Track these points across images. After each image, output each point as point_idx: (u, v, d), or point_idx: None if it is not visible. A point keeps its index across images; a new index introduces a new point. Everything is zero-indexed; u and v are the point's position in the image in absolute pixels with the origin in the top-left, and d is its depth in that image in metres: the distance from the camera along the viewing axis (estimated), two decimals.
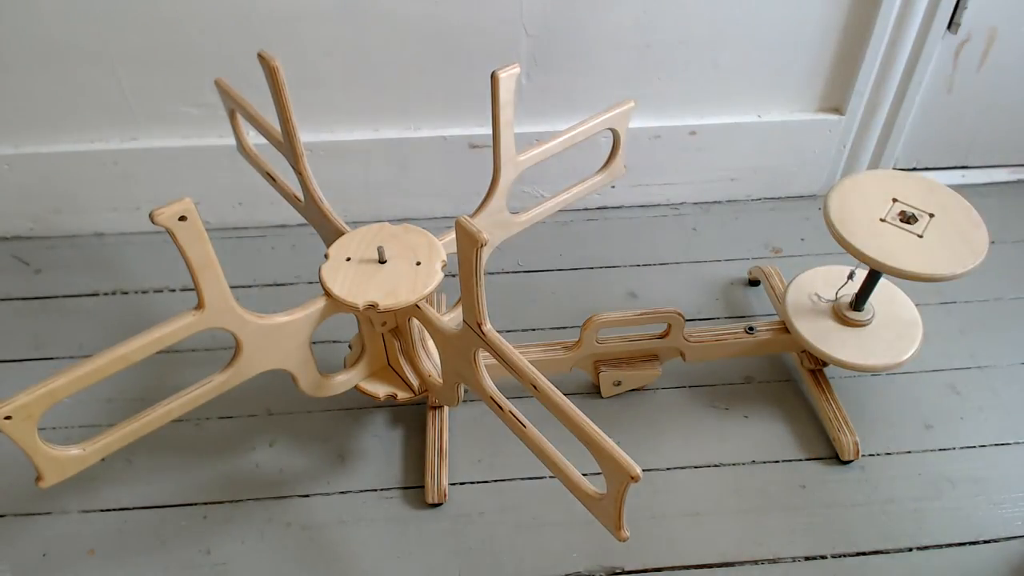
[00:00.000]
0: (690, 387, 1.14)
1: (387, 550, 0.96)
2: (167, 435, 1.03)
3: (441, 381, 0.91)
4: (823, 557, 0.96)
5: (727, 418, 1.10)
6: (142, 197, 1.34)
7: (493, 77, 0.81)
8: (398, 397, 0.95)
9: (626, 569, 0.95)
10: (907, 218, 0.94)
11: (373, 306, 0.80)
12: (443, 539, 0.97)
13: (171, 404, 0.76)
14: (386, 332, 0.92)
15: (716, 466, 1.05)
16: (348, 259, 0.84)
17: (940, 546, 0.97)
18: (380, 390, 0.96)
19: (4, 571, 0.94)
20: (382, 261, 0.84)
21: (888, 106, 1.35)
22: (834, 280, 1.08)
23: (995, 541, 0.97)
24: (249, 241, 1.38)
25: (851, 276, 1.05)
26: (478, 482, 1.03)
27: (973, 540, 0.97)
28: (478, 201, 0.93)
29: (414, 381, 0.95)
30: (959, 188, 1.00)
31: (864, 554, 0.96)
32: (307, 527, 0.98)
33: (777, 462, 1.05)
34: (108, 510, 1.00)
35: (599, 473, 0.68)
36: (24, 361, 1.18)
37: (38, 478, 0.71)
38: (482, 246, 0.64)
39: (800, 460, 1.05)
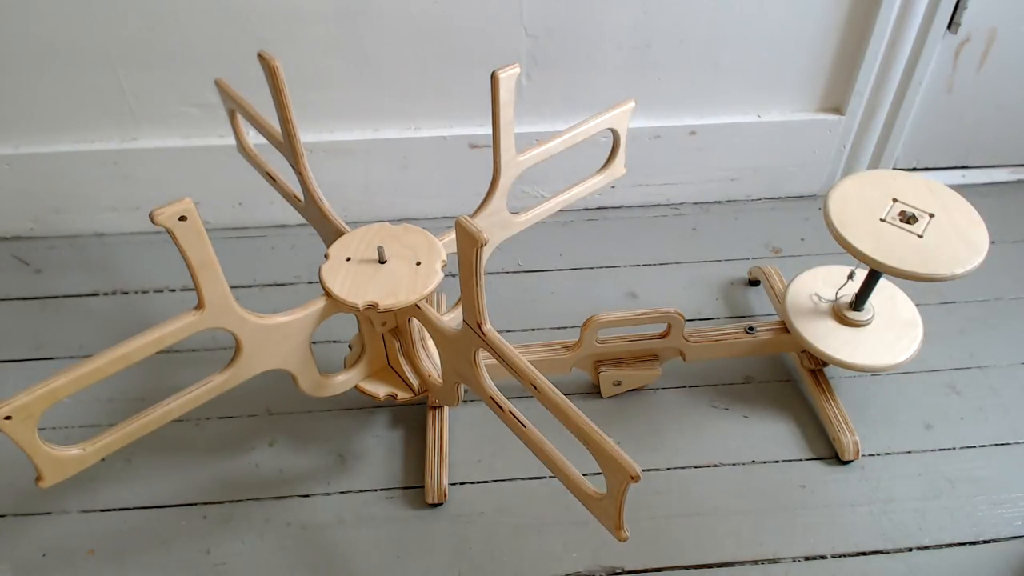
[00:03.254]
0: (690, 387, 1.14)
1: (387, 550, 0.96)
2: (167, 435, 1.03)
3: (441, 381, 0.91)
4: (823, 557, 0.96)
5: (727, 418, 1.10)
6: (142, 197, 1.35)
7: (493, 77, 0.81)
8: (398, 397, 0.95)
9: (626, 569, 0.95)
10: (907, 218, 0.94)
11: (373, 306, 0.80)
12: (443, 539, 0.97)
13: (171, 404, 0.76)
14: (386, 332, 0.92)
15: (716, 466, 1.05)
16: (348, 259, 0.84)
17: (940, 546, 0.97)
18: (380, 390, 0.96)
19: (4, 571, 0.94)
20: (382, 261, 0.84)
21: (888, 106, 1.35)
22: (834, 280, 1.08)
23: (995, 541, 0.97)
24: (249, 241, 1.38)
25: (851, 276, 1.05)
26: (478, 482, 1.03)
27: (973, 540, 0.97)
28: (478, 201, 0.93)
29: (414, 381, 0.95)
30: (959, 188, 1.00)
31: (864, 554, 0.96)
32: (307, 527, 0.98)
33: (777, 462, 1.05)
34: (108, 510, 1.00)
35: (599, 473, 0.68)
36: (24, 361, 1.18)
37: (38, 478, 0.71)
38: (482, 246, 0.64)
39: (800, 460, 1.05)
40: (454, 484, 1.02)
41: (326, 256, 0.85)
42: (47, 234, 1.38)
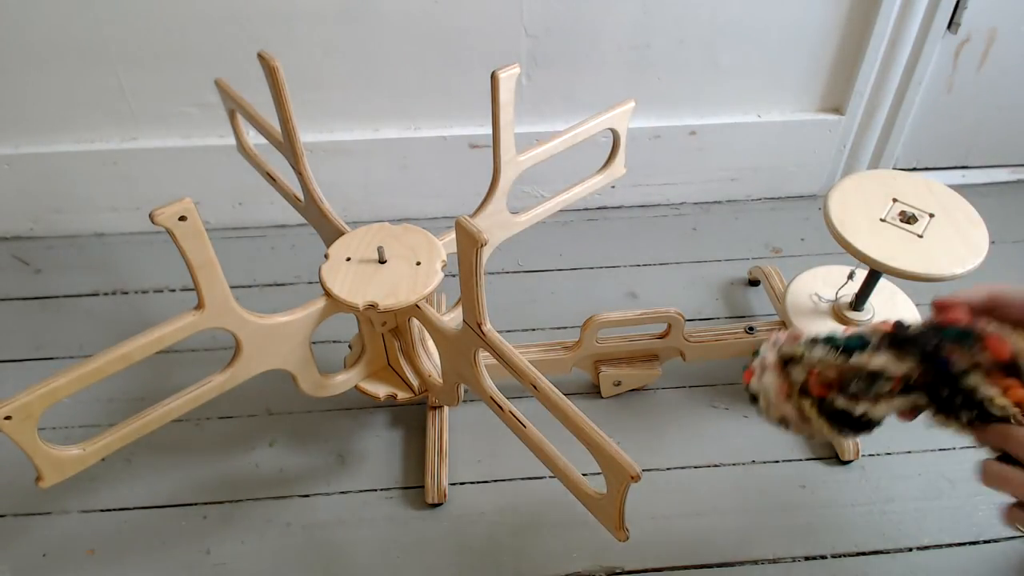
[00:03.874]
0: (690, 387, 1.14)
1: (387, 550, 0.96)
2: (167, 435, 1.03)
3: (441, 381, 0.91)
4: (823, 557, 0.96)
5: (727, 418, 1.10)
6: (142, 197, 1.34)
7: (493, 77, 0.81)
8: (398, 397, 0.95)
9: (626, 569, 0.95)
10: (907, 218, 0.94)
11: (373, 306, 0.80)
12: (443, 539, 0.97)
13: (171, 404, 0.76)
14: (386, 332, 0.92)
15: (716, 466, 1.05)
16: (348, 259, 0.84)
17: (940, 546, 0.97)
18: (380, 390, 0.96)
19: (4, 571, 0.94)
20: (382, 261, 0.84)
21: (888, 106, 1.35)
22: (834, 280, 1.08)
23: (995, 541, 0.97)
24: (249, 241, 1.38)
25: (851, 276, 1.05)
26: (478, 482, 1.03)
27: (973, 540, 0.97)
28: (478, 201, 0.93)
29: (414, 381, 0.95)
30: (959, 188, 1.00)
31: (864, 554, 0.96)
32: (307, 527, 0.98)
33: (777, 462, 1.05)
34: (108, 510, 1.00)
35: (599, 473, 0.68)
36: (24, 361, 1.18)
37: (38, 478, 0.71)
38: (482, 246, 0.64)
39: (800, 460, 1.05)
40: (454, 484, 1.02)
41: (326, 256, 0.85)
42: (47, 234, 1.38)
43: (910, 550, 0.96)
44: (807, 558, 0.96)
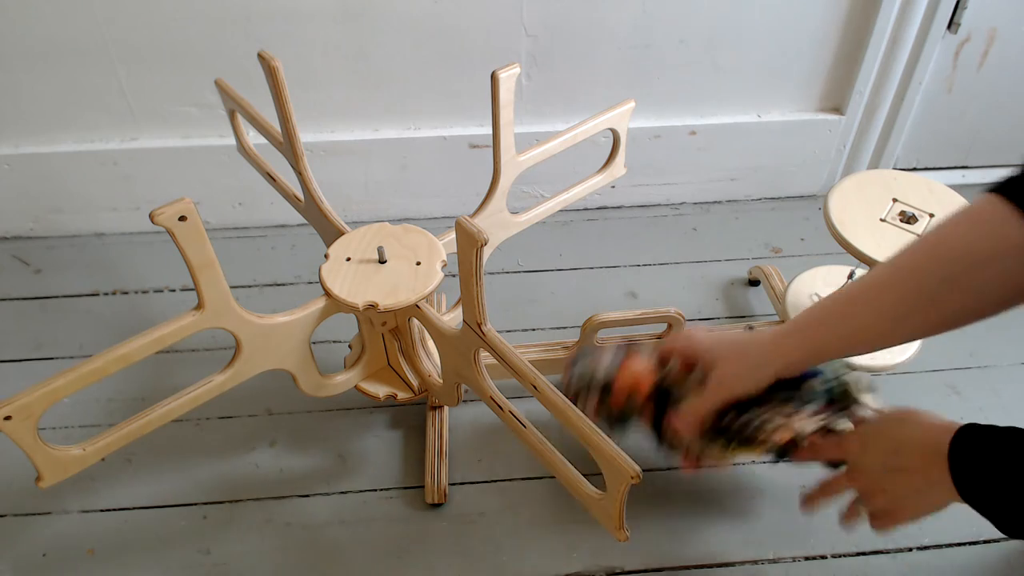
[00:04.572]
0: None
1: (387, 550, 0.96)
2: (167, 435, 1.03)
3: (441, 381, 0.91)
4: (823, 557, 0.96)
5: None
6: (142, 197, 1.35)
7: (493, 77, 0.81)
8: (398, 397, 0.95)
9: (626, 569, 0.95)
10: (907, 218, 0.94)
11: (373, 306, 0.80)
12: (443, 539, 0.97)
13: (171, 404, 0.76)
14: (386, 332, 0.92)
15: (716, 466, 1.05)
16: (348, 259, 0.84)
17: (940, 546, 0.97)
18: (380, 390, 0.96)
19: (4, 571, 0.94)
20: (382, 261, 0.84)
21: (888, 106, 1.35)
22: (834, 280, 1.08)
23: (995, 541, 0.97)
24: (249, 241, 1.38)
25: (851, 276, 1.05)
26: (478, 482, 1.03)
27: (973, 540, 0.97)
28: (478, 201, 0.93)
29: (414, 381, 0.95)
30: (959, 188, 1.00)
31: (864, 554, 0.96)
32: (307, 527, 0.98)
33: (777, 462, 1.05)
34: (108, 510, 1.00)
35: (599, 473, 0.68)
36: (24, 361, 1.18)
37: (38, 478, 0.71)
38: (482, 246, 0.64)
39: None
40: (454, 484, 1.02)
41: (326, 256, 0.85)
42: (47, 234, 1.38)
43: (910, 550, 0.96)
44: (807, 558, 0.96)
